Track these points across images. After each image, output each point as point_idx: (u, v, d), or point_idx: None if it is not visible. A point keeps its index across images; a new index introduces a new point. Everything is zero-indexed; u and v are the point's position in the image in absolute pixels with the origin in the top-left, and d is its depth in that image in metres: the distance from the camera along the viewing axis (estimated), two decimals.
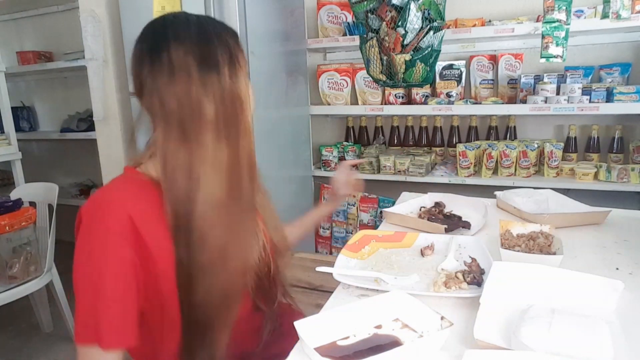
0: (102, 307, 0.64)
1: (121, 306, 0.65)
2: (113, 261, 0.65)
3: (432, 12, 1.76)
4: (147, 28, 0.74)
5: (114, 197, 0.69)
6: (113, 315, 0.65)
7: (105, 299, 0.64)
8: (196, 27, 0.72)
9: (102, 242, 0.65)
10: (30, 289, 1.96)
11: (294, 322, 0.66)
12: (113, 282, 0.65)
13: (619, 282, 0.71)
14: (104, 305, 0.64)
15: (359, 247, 1.00)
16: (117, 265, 0.65)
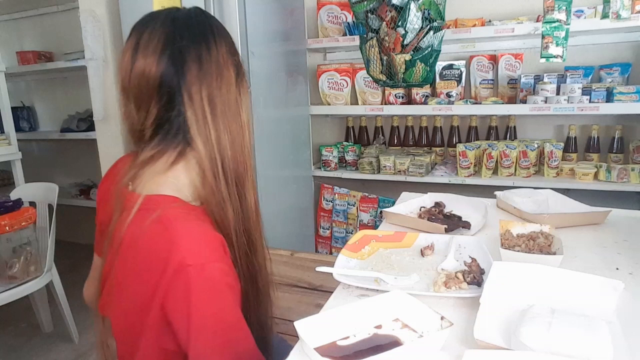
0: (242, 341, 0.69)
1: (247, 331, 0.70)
2: (229, 292, 0.67)
3: (432, 12, 1.76)
4: (182, 23, 0.71)
5: (203, 229, 0.68)
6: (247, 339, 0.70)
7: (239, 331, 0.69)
8: (228, 34, 0.75)
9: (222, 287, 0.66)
10: (30, 289, 1.96)
11: (294, 322, 0.66)
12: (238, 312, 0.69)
13: (619, 282, 0.71)
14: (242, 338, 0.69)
15: (359, 247, 1.00)
16: (231, 294, 0.68)
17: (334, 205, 2.56)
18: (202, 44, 0.70)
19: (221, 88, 0.70)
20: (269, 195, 1.96)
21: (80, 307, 2.49)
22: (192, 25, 0.71)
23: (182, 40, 0.69)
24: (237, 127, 0.74)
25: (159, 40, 0.68)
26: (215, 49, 0.70)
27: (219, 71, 0.70)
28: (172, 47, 0.68)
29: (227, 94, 0.71)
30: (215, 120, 0.70)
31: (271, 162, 2.00)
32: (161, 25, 0.70)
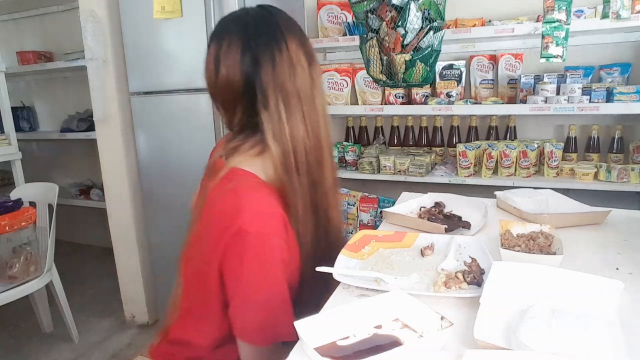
0: (280, 309, 0.77)
1: (288, 304, 0.78)
2: (280, 265, 0.76)
3: (432, 12, 1.76)
4: (247, 21, 0.79)
5: (269, 203, 0.76)
6: (287, 313, 0.77)
7: (280, 301, 0.76)
8: (296, 24, 0.83)
9: (273, 253, 0.75)
10: (30, 289, 1.96)
11: (294, 322, 0.66)
12: (283, 285, 0.77)
13: (619, 282, 0.71)
14: (281, 307, 0.77)
15: (359, 247, 1.00)
16: (282, 268, 0.76)
17: None
18: (273, 46, 0.77)
19: (295, 82, 0.77)
20: None
21: (80, 307, 2.50)
22: (263, 29, 0.78)
23: (256, 47, 0.76)
24: (313, 114, 0.81)
25: (237, 51, 0.77)
26: (286, 47, 0.77)
27: (292, 68, 0.77)
28: (248, 55, 0.76)
29: (302, 85, 0.78)
30: (290, 116, 0.78)
31: None
32: (236, 35, 0.78)
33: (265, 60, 0.76)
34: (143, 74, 2.03)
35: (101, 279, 2.88)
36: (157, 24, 1.87)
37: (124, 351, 2.15)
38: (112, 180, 2.27)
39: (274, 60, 0.76)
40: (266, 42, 0.76)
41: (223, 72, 0.78)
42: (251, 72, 0.76)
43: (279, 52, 0.76)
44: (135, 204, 2.26)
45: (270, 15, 0.81)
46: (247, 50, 0.76)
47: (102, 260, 3.14)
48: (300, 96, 0.78)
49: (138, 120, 2.07)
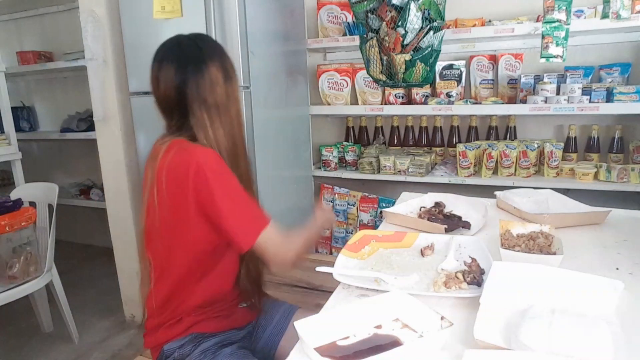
0: (252, 205, 0.99)
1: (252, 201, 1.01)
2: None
3: (432, 12, 1.76)
4: (180, 50, 1.02)
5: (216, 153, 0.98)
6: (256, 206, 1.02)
7: (248, 199, 0.98)
8: (216, 50, 1.04)
9: (223, 166, 0.96)
10: (30, 289, 1.96)
11: (294, 323, 0.66)
12: (240, 188, 0.97)
13: (619, 282, 0.71)
14: (251, 203, 0.99)
15: (359, 247, 1.00)
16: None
17: (334, 205, 2.56)
18: (197, 70, 0.99)
19: (215, 98, 1.00)
20: (269, 195, 1.96)
21: (80, 307, 2.50)
22: (190, 57, 1.00)
23: (185, 71, 0.99)
24: (229, 120, 1.04)
25: (171, 73, 0.99)
26: (207, 70, 0.99)
27: (211, 86, 1.00)
28: (178, 77, 0.98)
29: (219, 99, 1.01)
30: (213, 123, 1.00)
31: (271, 162, 2.01)
32: (171, 61, 1.00)
33: (191, 81, 0.98)
34: (143, 74, 2.00)
35: (101, 279, 2.88)
36: (157, 24, 1.87)
37: (124, 351, 2.15)
38: (112, 180, 2.26)
39: (197, 81, 0.98)
40: (192, 67, 0.99)
41: (162, 88, 1.00)
42: (181, 90, 0.98)
43: (201, 74, 0.99)
44: (135, 204, 2.26)
45: (196, 45, 1.02)
46: (178, 74, 0.98)
47: (102, 260, 3.14)
48: (218, 107, 1.01)
49: (138, 120, 2.07)
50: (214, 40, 1.08)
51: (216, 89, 1.00)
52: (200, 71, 0.98)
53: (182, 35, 1.05)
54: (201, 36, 1.06)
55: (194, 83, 0.98)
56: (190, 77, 0.98)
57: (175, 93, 0.99)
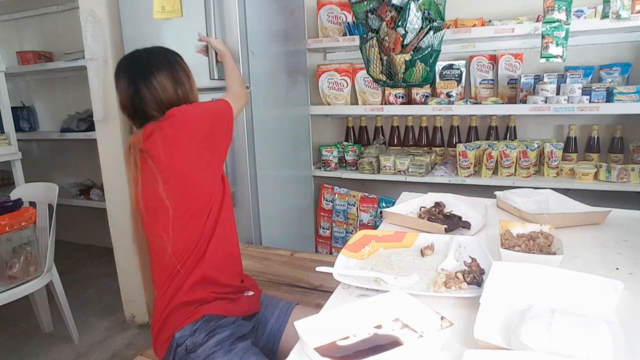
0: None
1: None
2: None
3: (432, 12, 1.76)
4: (131, 64, 1.18)
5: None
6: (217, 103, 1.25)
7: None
8: (164, 60, 1.19)
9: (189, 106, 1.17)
10: (30, 289, 1.96)
11: (294, 323, 0.66)
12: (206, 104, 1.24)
13: (619, 282, 0.71)
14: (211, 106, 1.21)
15: (359, 247, 1.00)
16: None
17: (334, 205, 2.56)
18: (146, 81, 1.13)
19: (169, 100, 1.16)
20: (269, 195, 1.96)
21: (80, 307, 2.50)
22: (139, 70, 1.15)
23: (135, 83, 1.14)
24: None
25: (125, 85, 1.15)
26: (155, 79, 1.14)
27: (164, 93, 1.15)
28: (132, 88, 1.14)
29: (174, 101, 1.17)
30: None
31: (271, 162, 2.01)
32: (125, 75, 1.16)
33: (143, 90, 1.13)
34: None
35: (101, 279, 2.88)
36: (157, 24, 1.87)
37: (124, 351, 2.15)
38: (111, 180, 2.26)
39: (149, 90, 1.13)
40: (141, 79, 1.13)
41: (120, 98, 1.16)
42: (134, 98, 1.13)
43: (150, 83, 1.13)
44: None
45: (145, 59, 1.17)
46: (131, 85, 1.13)
47: (102, 260, 3.14)
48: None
49: None
50: (165, 51, 1.22)
51: (168, 93, 1.15)
52: (150, 81, 1.13)
53: (138, 50, 1.21)
54: (152, 50, 1.21)
55: (146, 91, 1.13)
56: (141, 87, 1.13)
57: (130, 102, 1.14)
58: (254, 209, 1.88)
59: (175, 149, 1.08)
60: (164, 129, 1.09)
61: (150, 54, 1.20)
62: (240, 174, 1.85)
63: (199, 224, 1.11)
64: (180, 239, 1.10)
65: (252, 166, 1.85)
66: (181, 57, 1.25)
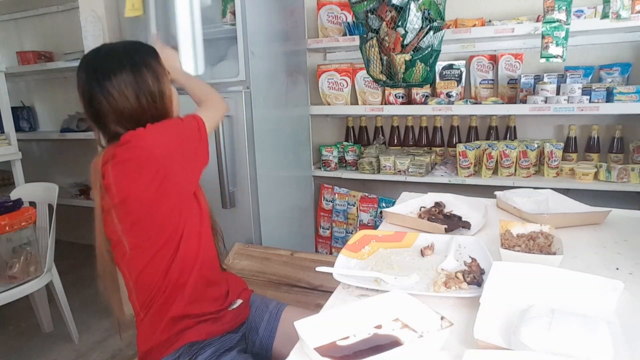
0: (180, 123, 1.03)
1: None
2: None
3: (432, 12, 1.76)
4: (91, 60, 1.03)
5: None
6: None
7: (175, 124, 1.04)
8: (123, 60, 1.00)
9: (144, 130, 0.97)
10: (30, 289, 1.96)
11: (294, 323, 0.66)
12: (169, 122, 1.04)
13: (619, 282, 0.71)
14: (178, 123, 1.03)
15: (359, 247, 1.00)
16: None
17: (334, 205, 2.56)
18: (100, 90, 0.98)
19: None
20: (269, 195, 1.96)
21: (80, 307, 2.49)
22: (97, 74, 1.00)
23: (92, 89, 1.00)
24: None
25: (80, 89, 1.03)
26: (113, 86, 0.97)
27: (117, 100, 0.98)
28: (88, 93, 1.00)
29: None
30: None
31: (271, 162, 2.01)
32: (81, 77, 1.04)
33: (98, 98, 0.99)
34: None
35: None
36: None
37: (124, 351, 2.15)
38: None
39: (105, 98, 0.98)
40: (96, 83, 0.99)
41: (82, 104, 1.04)
42: (90, 107, 1.00)
43: (106, 90, 0.97)
44: None
45: (106, 57, 1.01)
46: (86, 91, 1.01)
47: None
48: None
49: None
50: (134, 49, 1.04)
51: (129, 103, 1.00)
52: (104, 87, 1.00)
53: (104, 44, 1.06)
54: (117, 46, 1.04)
55: (101, 99, 1.00)
56: (95, 93, 1.00)
57: (88, 111, 1.03)
58: (254, 209, 1.88)
59: (129, 181, 0.92)
60: (117, 157, 0.92)
61: (113, 51, 1.01)
62: (240, 174, 1.85)
63: (166, 258, 0.97)
64: (144, 275, 0.98)
65: (252, 166, 1.85)
66: (155, 55, 1.03)
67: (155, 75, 1.01)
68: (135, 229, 0.95)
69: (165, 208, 0.95)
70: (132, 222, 0.95)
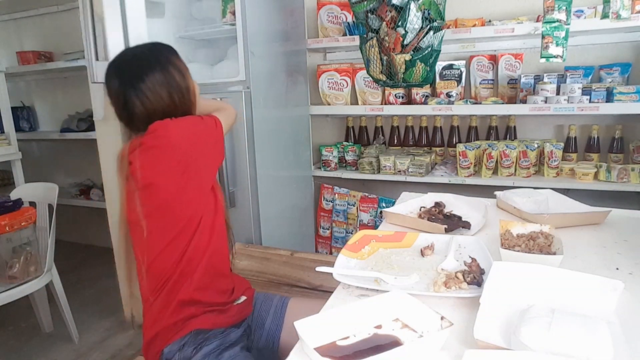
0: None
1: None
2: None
3: (432, 12, 1.76)
4: (120, 66, 1.06)
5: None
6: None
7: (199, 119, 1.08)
8: (149, 63, 1.05)
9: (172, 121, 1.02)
10: (30, 289, 1.96)
11: (294, 323, 0.66)
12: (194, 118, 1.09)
13: (619, 282, 0.71)
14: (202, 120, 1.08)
15: (359, 247, 1.00)
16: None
17: (334, 205, 2.56)
18: (135, 93, 1.01)
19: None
20: (269, 195, 1.96)
21: (80, 307, 2.49)
22: (130, 77, 1.02)
23: (127, 93, 1.02)
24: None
25: (114, 93, 1.04)
26: (148, 88, 1.01)
27: (152, 100, 1.02)
28: (123, 97, 1.02)
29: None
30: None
31: (271, 162, 2.01)
32: (114, 83, 1.03)
33: (132, 100, 1.01)
34: None
35: (101, 279, 2.88)
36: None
37: (124, 351, 2.15)
38: (112, 180, 2.26)
39: (140, 100, 1.01)
40: (130, 86, 1.01)
41: (114, 108, 1.06)
42: (126, 108, 1.02)
43: (141, 92, 1.01)
44: None
45: (134, 61, 1.05)
46: (120, 94, 1.02)
47: (102, 260, 3.14)
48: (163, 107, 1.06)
49: None
50: (157, 50, 1.08)
51: (163, 101, 1.05)
52: (140, 89, 1.03)
53: (128, 49, 1.10)
54: (141, 49, 1.08)
55: (136, 101, 1.03)
56: (130, 96, 1.03)
57: (125, 112, 1.05)
58: (254, 209, 1.88)
59: (154, 167, 0.98)
60: (144, 144, 0.99)
61: (138, 54, 1.06)
62: (240, 174, 1.86)
63: (181, 246, 1.03)
64: (158, 260, 1.04)
65: (252, 166, 1.85)
66: (175, 53, 1.08)
67: (181, 72, 1.06)
68: (156, 214, 1.00)
69: (186, 197, 1.01)
70: (153, 207, 1.00)
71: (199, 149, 1.03)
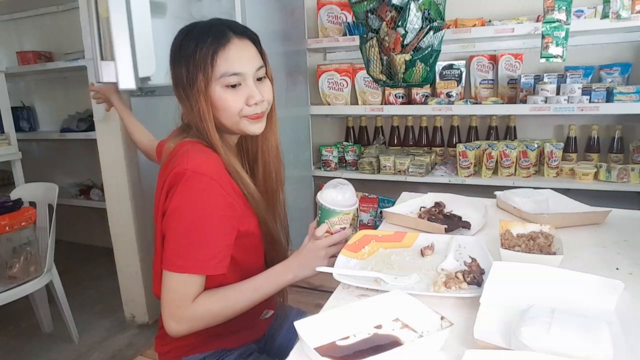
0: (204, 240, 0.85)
1: (226, 240, 0.89)
2: (218, 204, 0.86)
3: (432, 12, 1.76)
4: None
5: (208, 156, 0.90)
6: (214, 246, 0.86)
7: (206, 234, 0.85)
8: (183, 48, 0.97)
9: (208, 190, 0.85)
10: (30, 289, 1.96)
11: (294, 322, 0.66)
12: (219, 221, 0.87)
13: (619, 282, 0.71)
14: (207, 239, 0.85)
15: (359, 247, 1.00)
16: (222, 207, 0.87)
17: None
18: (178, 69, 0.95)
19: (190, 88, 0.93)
20: None
21: (80, 307, 2.50)
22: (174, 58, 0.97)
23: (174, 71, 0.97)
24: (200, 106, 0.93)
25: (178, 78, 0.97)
26: (172, 71, 0.97)
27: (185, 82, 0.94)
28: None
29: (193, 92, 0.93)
30: (190, 110, 0.94)
31: None
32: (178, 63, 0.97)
33: (175, 77, 0.97)
34: None
35: (101, 279, 2.88)
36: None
37: (124, 351, 2.15)
38: (112, 180, 2.26)
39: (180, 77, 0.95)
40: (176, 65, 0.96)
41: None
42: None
43: (180, 72, 0.94)
44: (135, 204, 2.26)
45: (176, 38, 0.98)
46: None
47: (102, 260, 3.14)
48: (191, 99, 0.96)
49: (138, 120, 2.06)
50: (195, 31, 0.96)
51: (178, 92, 0.98)
52: (170, 69, 0.99)
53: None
54: (189, 27, 0.97)
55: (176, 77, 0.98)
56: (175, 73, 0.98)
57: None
58: None
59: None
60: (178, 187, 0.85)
61: (181, 34, 0.96)
62: None
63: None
64: None
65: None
66: (208, 42, 0.91)
67: (202, 69, 0.97)
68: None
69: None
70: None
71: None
